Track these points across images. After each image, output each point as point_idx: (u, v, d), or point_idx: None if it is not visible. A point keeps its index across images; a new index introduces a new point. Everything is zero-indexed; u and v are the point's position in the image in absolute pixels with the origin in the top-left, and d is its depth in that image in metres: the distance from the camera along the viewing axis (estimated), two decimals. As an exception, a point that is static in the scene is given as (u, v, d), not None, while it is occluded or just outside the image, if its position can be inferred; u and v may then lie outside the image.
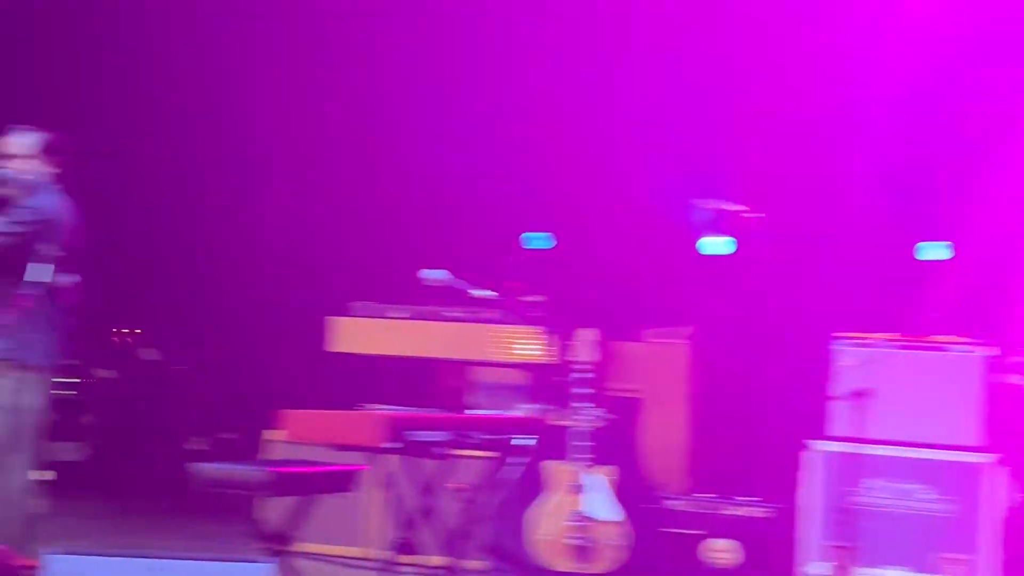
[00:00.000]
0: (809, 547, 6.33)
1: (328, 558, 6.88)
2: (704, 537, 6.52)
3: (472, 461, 6.22)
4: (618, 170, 10.87)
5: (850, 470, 6.19)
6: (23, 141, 5.85)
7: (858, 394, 6.24)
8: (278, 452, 6.87)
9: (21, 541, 5.60)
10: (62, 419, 11.54)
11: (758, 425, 7.10)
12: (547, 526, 6.16)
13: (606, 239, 10.74)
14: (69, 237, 5.75)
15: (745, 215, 7.13)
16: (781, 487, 7.94)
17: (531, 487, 5.49)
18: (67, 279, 5.52)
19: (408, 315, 7.17)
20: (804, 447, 6.39)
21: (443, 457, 5.45)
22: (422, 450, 5.20)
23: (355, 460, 5.58)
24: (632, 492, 6.68)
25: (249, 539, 7.14)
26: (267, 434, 6.96)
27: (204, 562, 4.14)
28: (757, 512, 6.47)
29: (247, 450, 11.34)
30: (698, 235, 9.51)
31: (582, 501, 6.20)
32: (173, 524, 8.27)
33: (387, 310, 7.24)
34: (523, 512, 5.63)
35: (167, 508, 9.14)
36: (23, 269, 5.59)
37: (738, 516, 6.49)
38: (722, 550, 6.49)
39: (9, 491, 5.58)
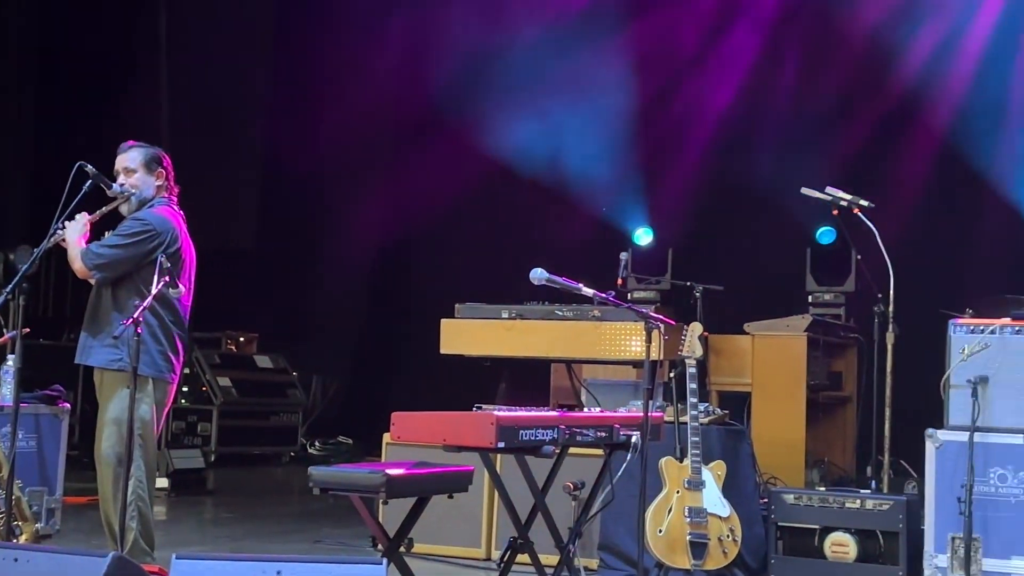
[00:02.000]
0: (932, 539, 6.18)
1: (441, 558, 6.91)
2: (821, 531, 6.41)
3: (584, 459, 6.21)
4: (725, 162, 10.78)
5: (973, 459, 6.03)
6: (135, 156, 5.97)
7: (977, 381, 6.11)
8: (392, 455, 6.92)
9: (141, 549, 5.71)
10: (180, 427, 11.83)
11: (877, 415, 6.95)
12: (661, 522, 6.12)
13: (714, 233, 10.67)
14: (181, 248, 5.85)
15: (856, 204, 6.98)
16: (902, 478, 7.83)
17: (643, 484, 5.45)
18: (179, 289, 5.60)
19: (516, 315, 7.17)
20: (925, 437, 6.25)
21: (555, 456, 5.44)
22: (533, 449, 5.19)
23: (467, 461, 5.60)
24: (745, 487, 6.61)
25: (365, 540, 7.24)
26: (383, 437, 7.03)
27: (322, 564, 4.17)
28: (878, 505, 6.33)
29: (363, 453, 11.50)
30: (813, 226, 9.39)
31: (696, 497, 6.14)
32: (291, 527, 8.38)
33: (496, 311, 7.24)
34: (636, 509, 5.59)
35: (285, 512, 9.27)
36: (136, 281, 5.71)
37: (857, 509, 6.36)
38: (841, 544, 6.37)
39: (128, 500, 5.67)
